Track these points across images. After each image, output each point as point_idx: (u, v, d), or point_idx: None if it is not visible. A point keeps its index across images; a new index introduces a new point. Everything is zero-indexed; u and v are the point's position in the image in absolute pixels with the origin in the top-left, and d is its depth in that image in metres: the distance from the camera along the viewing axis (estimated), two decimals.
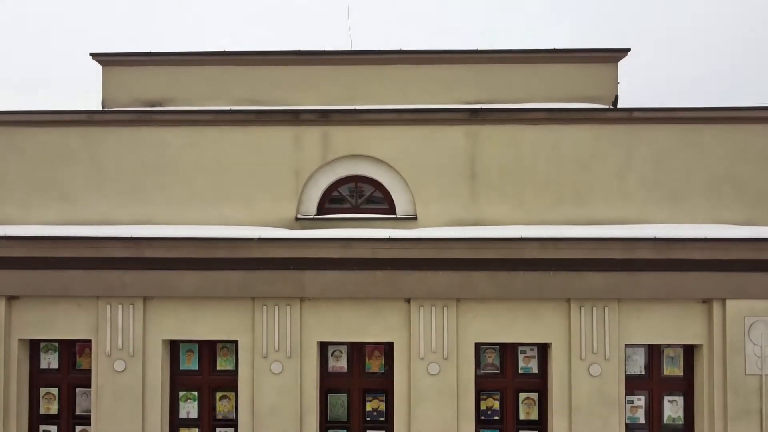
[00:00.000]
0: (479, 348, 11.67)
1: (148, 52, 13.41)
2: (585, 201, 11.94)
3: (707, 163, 11.91)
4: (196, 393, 11.90)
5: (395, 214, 12.27)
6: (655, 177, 11.93)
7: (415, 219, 12.05)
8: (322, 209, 12.37)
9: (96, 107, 13.49)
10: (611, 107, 12.59)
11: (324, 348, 11.82)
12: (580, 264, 11.02)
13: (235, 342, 11.64)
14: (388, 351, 11.71)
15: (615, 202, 11.87)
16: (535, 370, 11.74)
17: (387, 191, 12.34)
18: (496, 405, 11.77)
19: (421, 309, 11.27)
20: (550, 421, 11.41)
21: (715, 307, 11.10)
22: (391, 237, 11.03)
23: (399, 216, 12.18)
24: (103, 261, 11.28)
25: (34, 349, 12.01)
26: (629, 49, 13.00)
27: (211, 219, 12.06)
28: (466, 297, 11.21)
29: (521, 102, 12.76)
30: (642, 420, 11.66)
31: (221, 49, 13.40)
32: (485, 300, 11.25)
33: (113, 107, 13.30)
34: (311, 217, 12.16)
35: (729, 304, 11.02)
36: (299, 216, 12.15)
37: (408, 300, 11.32)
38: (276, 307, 11.33)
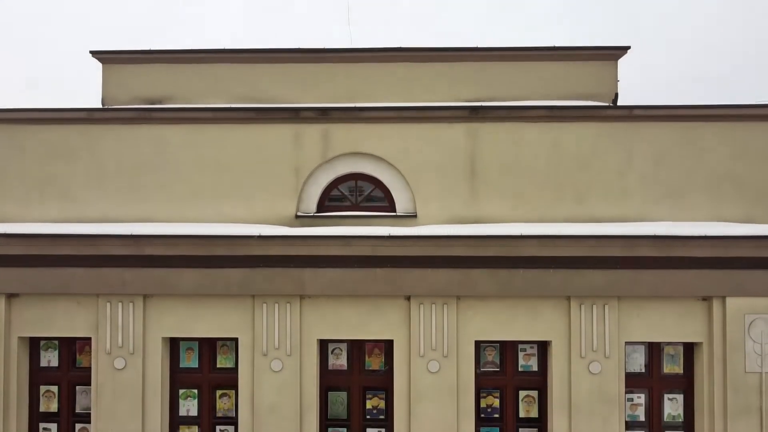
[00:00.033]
0: (479, 346, 11.67)
1: (148, 49, 13.41)
2: (585, 199, 11.93)
3: (707, 161, 11.90)
4: (196, 391, 11.90)
5: (395, 211, 12.27)
6: (655, 175, 11.92)
7: (415, 217, 12.05)
8: (322, 207, 12.36)
9: (96, 105, 13.49)
10: (611, 105, 12.58)
11: (324, 346, 11.82)
12: (580, 261, 11.02)
13: (235, 340, 11.65)
14: (388, 349, 11.72)
15: (615, 199, 11.87)
16: (535, 367, 11.74)
17: (387, 189, 12.34)
18: (496, 403, 11.78)
19: (421, 307, 11.27)
20: (550, 419, 11.41)
21: (715, 305, 11.11)
22: (391, 234, 11.03)
23: (399, 214, 12.17)
24: (103, 258, 11.30)
25: (34, 347, 12.02)
26: (629, 47, 12.99)
27: (211, 216, 12.06)
28: (466, 294, 11.21)
29: (521, 100, 12.74)
30: (642, 418, 11.66)
31: (221, 47, 13.40)
32: (485, 298, 11.26)
33: (113, 105, 13.30)
34: (311, 215, 12.16)
35: (729, 301, 11.03)
36: (299, 214, 12.14)
37: (408, 298, 11.32)
38: (276, 305, 11.34)
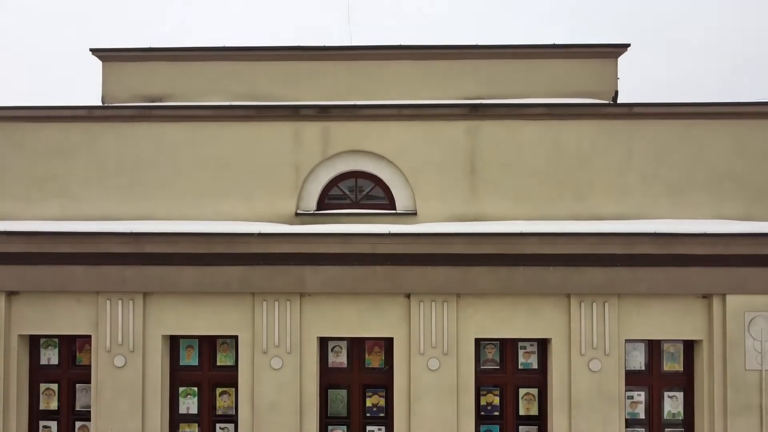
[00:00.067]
0: (479, 343, 11.67)
1: (147, 47, 13.39)
2: (585, 196, 11.91)
3: (707, 159, 11.88)
4: (196, 389, 11.91)
5: (395, 209, 12.25)
6: (655, 172, 11.89)
7: (415, 214, 12.03)
8: (322, 205, 12.35)
9: (96, 103, 13.47)
10: (611, 103, 12.57)
11: (324, 343, 11.82)
12: (580, 259, 11.02)
13: (235, 337, 11.66)
14: (388, 346, 11.72)
15: (615, 197, 11.85)
16: (535, 365, 11.74)
17: (387, 187, 12.32)
18: (496, 401, 11.78)
19: (421, 304, 11.27)
20: (550, 417, 11.42)
21: (715, 303, 11.11)
22: (391, 232, 11.03)
23: (399, 211, 12.16)
24: (103, 256, 11.29)
25: (33, 345, 12.02)
26: (629, 45, 12.98)
27: (211, 214, 12.03)
28: (465, 292, 11.21)
29: (521, 97, 12.70)
30: (642, 415, 11.66)
31: (221, 45, 13.39)
32: (485, 295, 11.26)
33: (113, 103, 13.29)
34: (311, 213, 12.15)
35: (729, 299, 11.02)
36: (299, 211, 12.13)
37: (408, 295, 11.32)
38: (276, 303, 11.34)
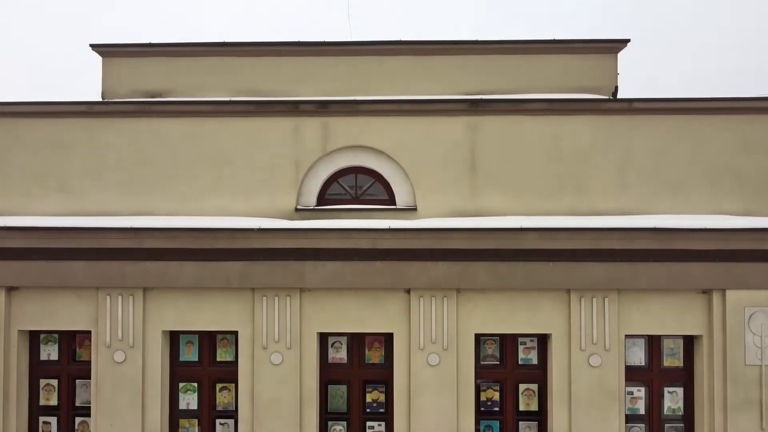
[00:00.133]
0: (479, 339, 11.67)
1: (147, 43, 13.40)
2: (585, 192, 11.91)
3: (707, 154, 11.88)
4: (195, 384, 11.89)
5: (395, 205, 12.25)
6: (655, 168, 11.90)
7: (415, 210, 12.03)
8: (322, 200, 12.35)
9: (96, 99, 13.46)
10: (611, 98, 12.55)
11: (324, 339, 11.82)
12: (579, 254, 11.01)
13: (235, 333, 11.64)
14: (388, 342, 11.72)
15: (615, 192, 11.85)
16: (535, 361, 11.74)
17: (387, 182, 12.32)
18: (496, 396, 11.77)
19: (421, 300, 11.26)
20: (550, 413, 11.41)
21: (715, 298, 11.10)
22: (391, 227, 11.02)
23: (399, 207, 12.16)
24: (103, 252, 11.28)
25: (33, 341, 12.01)
26: (629, 40, 12.97)
27: (211, 210, 12.05)
28: (466, 287, 11.20)
29: (521, 93, 12.72)
30: (642, 411, 11.65)
31: (221, 41, 13.40)
32: (485, 290, 11.25)
33: (113, 98, 13.28)
34: (311, 208, 12.15)
35: (729, 294, 11.01)
36: (299, 207, 12.13)
37: (408, 291, 11.31)
38: (276, 298, 11.33)
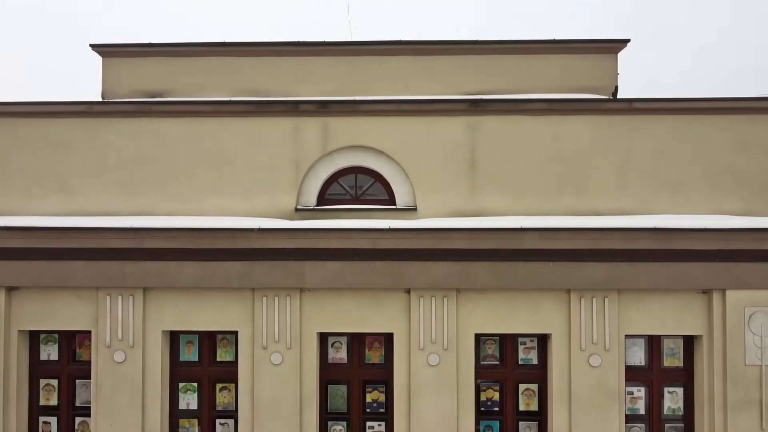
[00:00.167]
0: (479, 339, 11.67)
1: (147, 43, 13.40)
2: (585, 192, 11.91)
3: (707, 154, 11.88)
4: (195, 384, 11.89)
5: (395, 205, 12.25)
6: (655, 168, 11.89)
7: (415, 210, 12.03)
8: (322, 200, 12.35)
9: (96, 99, 13.46)
10: (611, 98, 12.55)
11: (324, 339, 11.81)
12: (579, 254, 11.01)
13: (235, 333, 11.64)
14: (388, 342, 11.71)
15: (615, 192, 11.85)
16: (535, 361, 11.73)
17: (387, 182, 12.31)
18: (496, 396, 11.77)
19: (421, 299, 11.26)
20: (550, 413, 11.41)
21: (715, 298, 11.09)
22: (391, 227, 11.01)
23: (399, 207, 12.16)
24: (103, 252, 11.28)
25: (33, 341, 12.01)
26: (629, 40, 12.97)
27: (211, 210, 12.04)
28: (466, 287, 11.20)
29: (521, 93, 12.72)
30: (642, 411, 11.65)
31: (221, 41, 13.40)
32: (485, 290, 11.25)
33: (113, 98, 13.28)
34: (311, 208, 12.14)
35: (729, 294, 11.01)
36: (299, 207, 12.13)
37: (408, 291, 11.31)
38: (276, 298, 11.33)
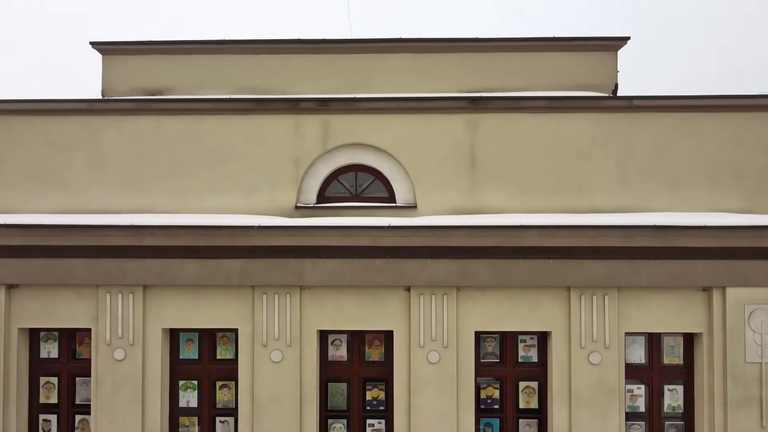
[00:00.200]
0: (479, 336, 11.67)
1: (147, 40, 13.36)
2: (585, 189, 11.88)
3: (707, 152, 11.86)
4: (195, 382, 11.90)
5: (395, 202, 12.23)
6: (655, 165, 11.88)
7: (415, 207, 12.01)
8: (321, 198, 12.33)
9: (96, 96, 13.47)
10: (611, 96, 12.53)
11: (324, 337, 11.82)
12: (579, 252, 11.02)
13: (235, 331, 11.66)
14: (388, 339, 11.72)
15: (615, 190, 11.83)
16: (535, 358, 11.75)
17: (387, 180, 12.30)
18: (496, 394, 11.78)
19: (421, 297, 11.26)
20: (550, 410, 11.42)
21: (715, 295, 11.11)
22: (391, 225, 11.02)
23: (399, 204, 12.14)
24: (103, 249, 11.29)
25: (33, 338, 12.02)
26: (629, 38, 12.95)
27: (211, 207, 12.02)
28: (466, 285, 11.21)
29: (521, 90, 12.69)
30: (642, 408, 11.66)
31: (221, 38, 13.38)
32: (485, 288, 11.26)
33: (113, 96, 13.27)
34: (311, 206, 12.13)
35: (729, 292, 11.03)
36: (299, 204, 12.12)
37: (408, 288, 11.32)
38: (276, 296, 11.34)
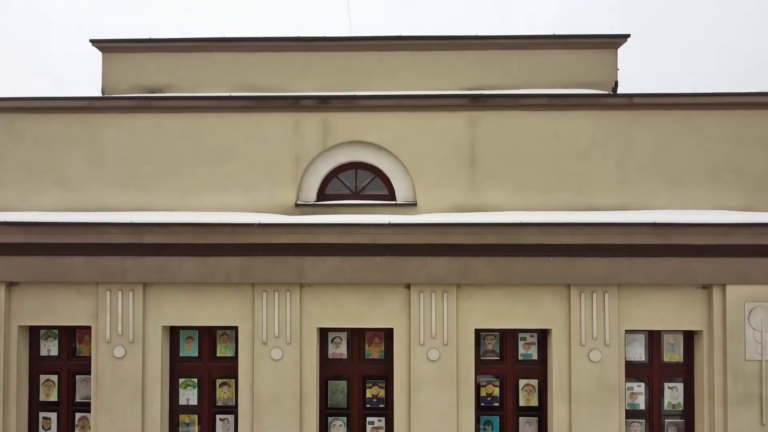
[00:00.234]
0: (479, 334, 11.67)
1: (148, 38, 13.35)
2: (585, 187, 11.88)
3: (707, 149, 11.85)
4: (195, 380, 11.90)
5: (395, 200, 12.22)
6: (655, 163, 11.87)
7: (415, 205, 12.00)
8: (322, 196, 12.33)
9: (96, 94, 13.44)
10: (611, 93, 12.52)
11: (324, 334, 11.82)
12: (579, 249, 11.02)
13: (235, 328, 11.65)
14: (388, 337, 11.72)
15: (615, 188, 11.82)
16: (535, 356, 11.75)
17: (387, 178, 12.29)
18: (496, 392, 11.78)
19: (421, 295, 11.26)
20: (550, 408, 11.42)
21: (715, 293, 11.11)
22: (391, 222, 11.02)
23: (399, 202, 12.13)
24: (103, 247, 11.29)
25: (33, 336, 12.03)
26: (629, 35, 12.94)
27: (211, 205, 12.00)
28: (466, 283, 11.21)
29: (521, 88, 12.68)
30: (642, 406, 11.66)
31: (221, 36, 13.35)
32: (485, 286, 11.26)
33: (113, 94, 13.27)
34: (311, 204, 12.13)
35: (729, 289, 11.03)
36: (299, 202, 12.11)
37: (408, 286, 11.32)
38: (276, 293, 11.34)
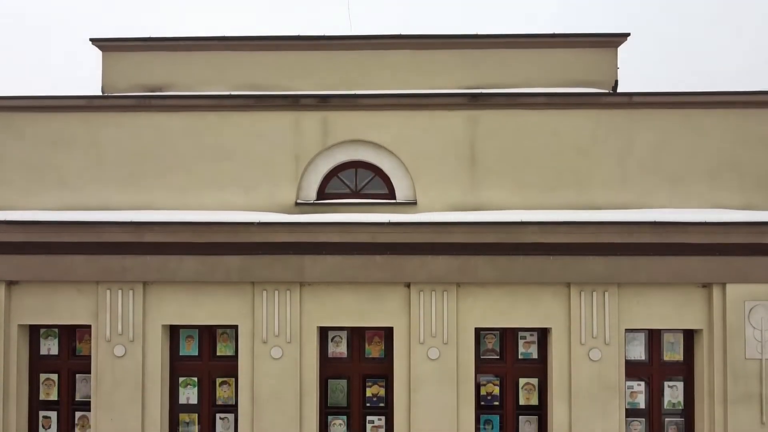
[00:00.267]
0: (479, 333, 11.68)
1: (147, 37, 13.32)
2: (585, 186, 11.87)
3: (707, 148, 11.84)
4: (195, 379, 11.91)
5: (395, 199, 12.21)
6: (655, 161, 11.85)
7: (415, 204, 11.99)
8: (322, 194, 12.32)
9: (96, 93, 13.44)
10: (611, 92, 12.51)
11: (324, 333, 11.83)
12: (579, 248, 11.03)
13: (235, 327, 11.66)
14: (388, 336, 11.72)
15: (615, 186, 11.81)
16: (535, 355, 11.76)
17: (387, 176, 12.28)
18: (496, 390, 11.79)
19: (421, 294, 11.27)
20: (550, 407, 11.43)
21: (715, 292, 11.12)
22: (391, 221, 11.03)
23: (399, 201, 12.13)
24: (103, 246, 11.30)
25: (33, 335, 12.04)
26: (629, 34, 12.91)
27: (211, 204, 11.99)
28: (466, 281, 11.22)
29: (521, 87, 12.66)
30: (642, 405, 11.67)
31: (221, 35, 13.32)
32: (485, 284, 11.27)
33: (113, 93, 13.25)
34: (311, 202, 12.12)
35: (729, 288, 11.03)
36: (299, 201, 12.11)
37: (408, 285, 11.33)
38: (276, 292, 11.34)
